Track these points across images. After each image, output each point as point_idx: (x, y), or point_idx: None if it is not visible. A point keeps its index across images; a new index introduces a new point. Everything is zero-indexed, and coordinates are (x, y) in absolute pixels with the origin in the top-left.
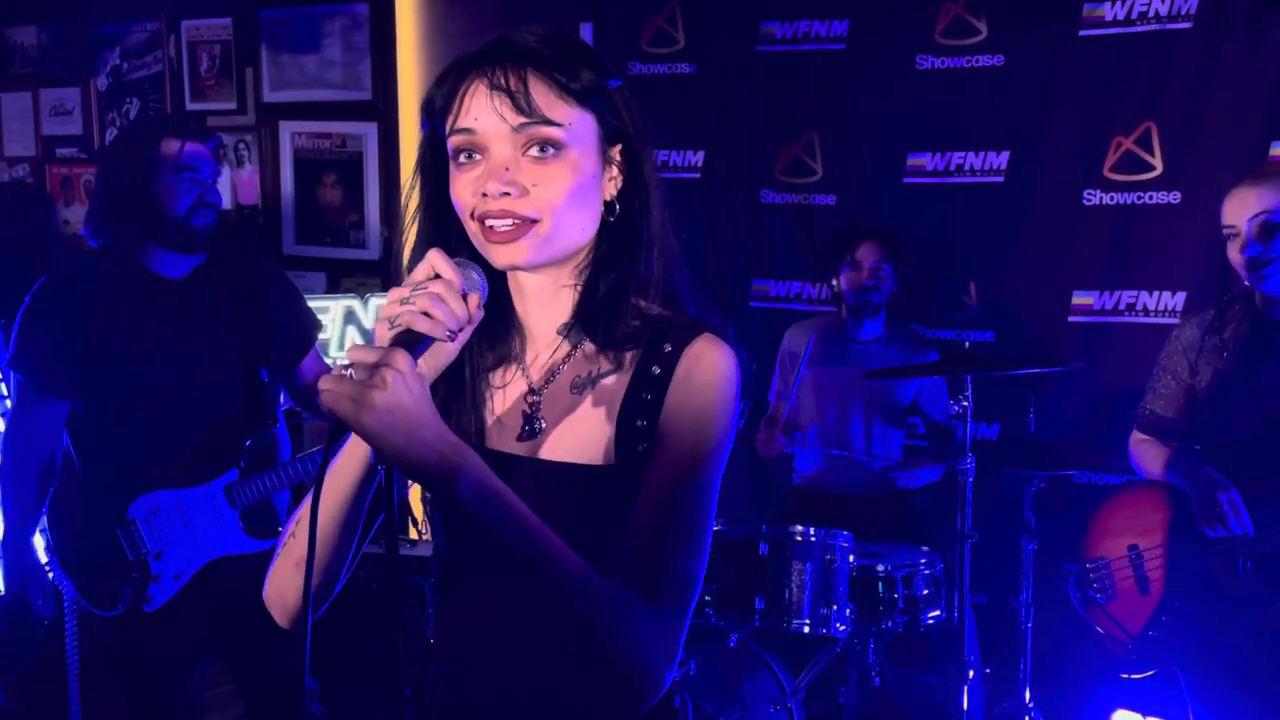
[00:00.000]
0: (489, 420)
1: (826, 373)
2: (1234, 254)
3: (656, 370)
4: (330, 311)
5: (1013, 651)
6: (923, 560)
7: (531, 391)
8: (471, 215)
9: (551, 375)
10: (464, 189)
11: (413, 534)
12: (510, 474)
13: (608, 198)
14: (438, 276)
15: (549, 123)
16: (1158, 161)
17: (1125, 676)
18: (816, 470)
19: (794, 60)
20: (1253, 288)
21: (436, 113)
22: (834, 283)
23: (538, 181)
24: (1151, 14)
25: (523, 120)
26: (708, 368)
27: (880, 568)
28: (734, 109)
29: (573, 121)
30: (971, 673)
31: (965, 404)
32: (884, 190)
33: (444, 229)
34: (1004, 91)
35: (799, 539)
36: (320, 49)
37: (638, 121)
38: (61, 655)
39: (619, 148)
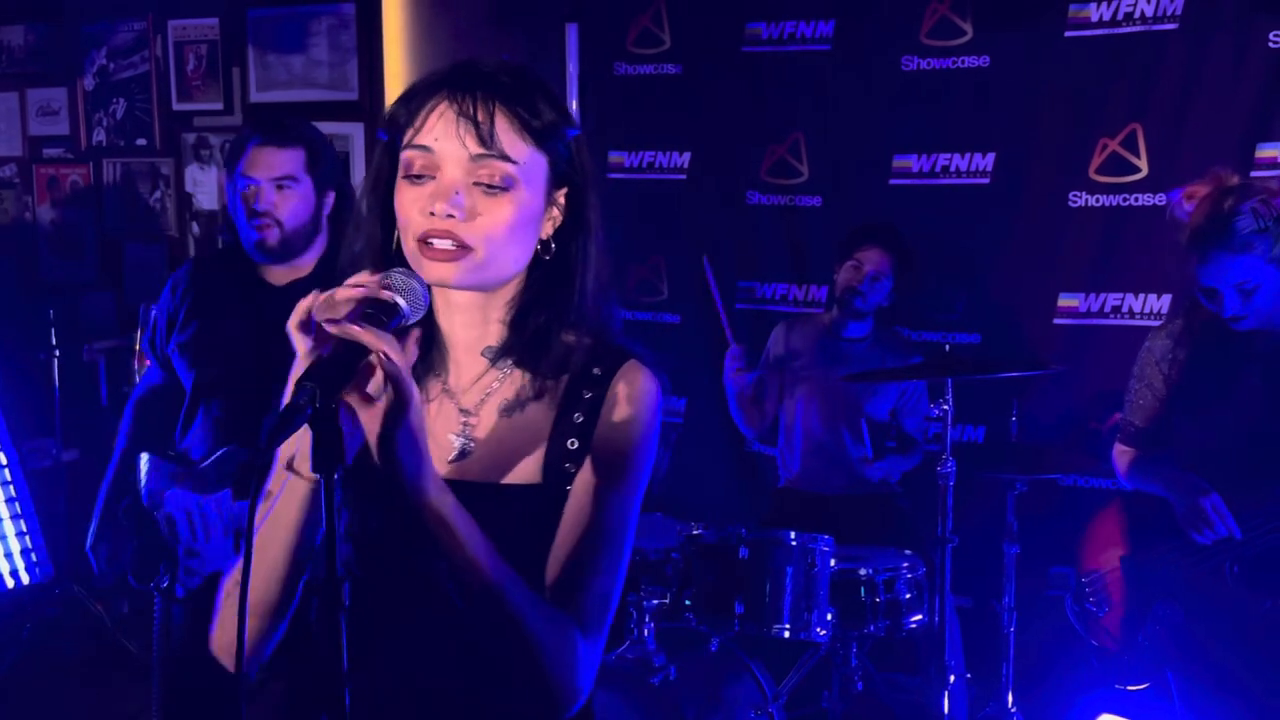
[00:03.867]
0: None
1: (810, 369)
2: (1209, 302)
3: (587, 394)
4: None
5: (996, 655)
6: (905, 564)
7: (464, 414)
8: (413, 230)
9: (483, 399)
10: (411, 204)
11: None
12: None
13: (545, 236)
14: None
15: (506, 159)
16: (1143, 163)
17: (1120, 688)
18: (800, 471)
19: (780, 61)
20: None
21: (400, 128)
22: (834, 275)
23: (483, 211)
24: (1137, 15)
25: (482, 152)
26: (638, 394)
27: (862, 571)
28: (720, 110)
29: (527, 160)
30: (953, 677)
31: (946, 407)
32: (870, 192)
33: (387, 237)
34: (990, 93)
35: (779, 543)
36: (307, 49)
37: (588, 168)
38: (50, 656)
39: (564, 191)
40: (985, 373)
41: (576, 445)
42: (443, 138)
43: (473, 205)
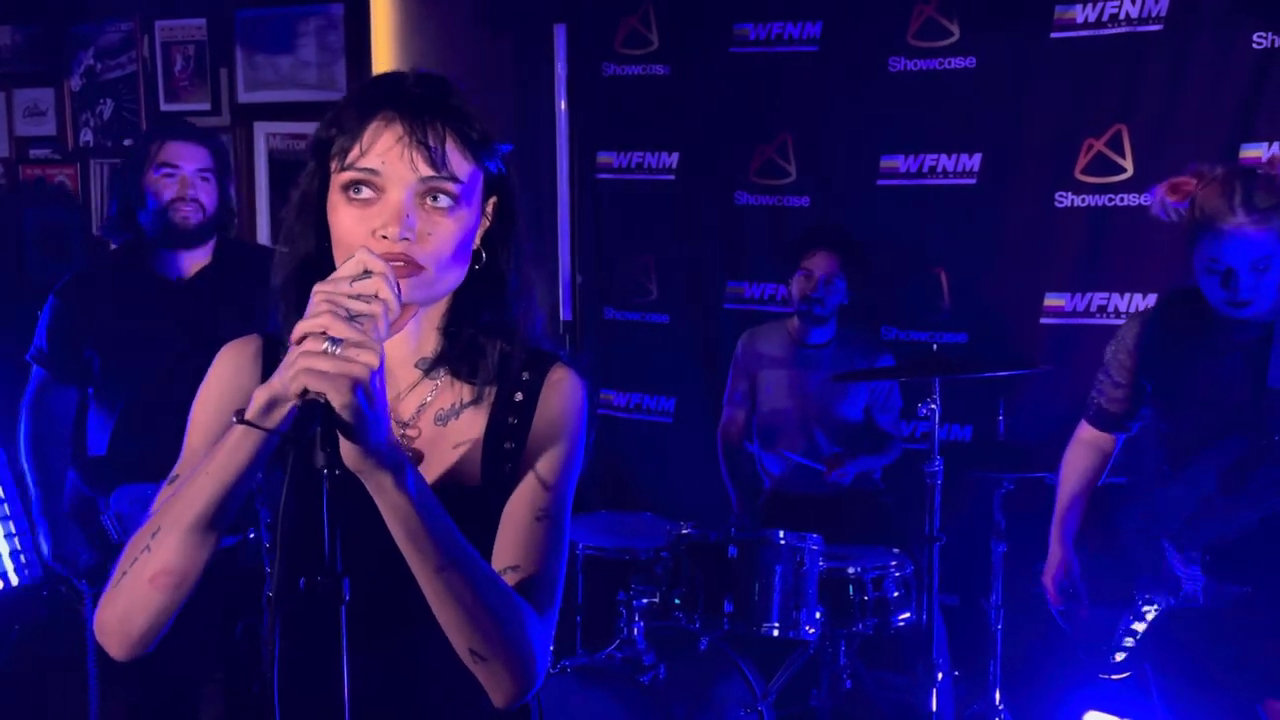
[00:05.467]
0: None
1: (779, 375)
2: (1215, 288)
3: (519, 397)
4: None
5: (983, 653)
6: (893, 562)
7: (401, 425)
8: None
9: (419, 409)
10: (357, 225)
11: None
12: None
13: (475, 245)
14: (368, 273)
15: (454, 179)
16: (1129, 164)
17: (1104, 677)
18: (783, 474)
19: (768, 62)
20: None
21: (333, 149)
22: (789, 285)
23: (432, 230)
24: (1122, 16)
25: (432, 174)
26: (566, 394)
27: (850, 570)
28: (708, 111)
29: (469, 177)
30: (941, 675)
31: (934, 407)
32: (857, 192)
33: (321, 253)
34: (976, 93)
35: (768, 542)
36: (295, 50)
37: (514, 179)
38: (39, 657)
39: (494, 200)
40: (972, 372)
41: (512, 446)
42: (390, 159)
43: (421, 226)
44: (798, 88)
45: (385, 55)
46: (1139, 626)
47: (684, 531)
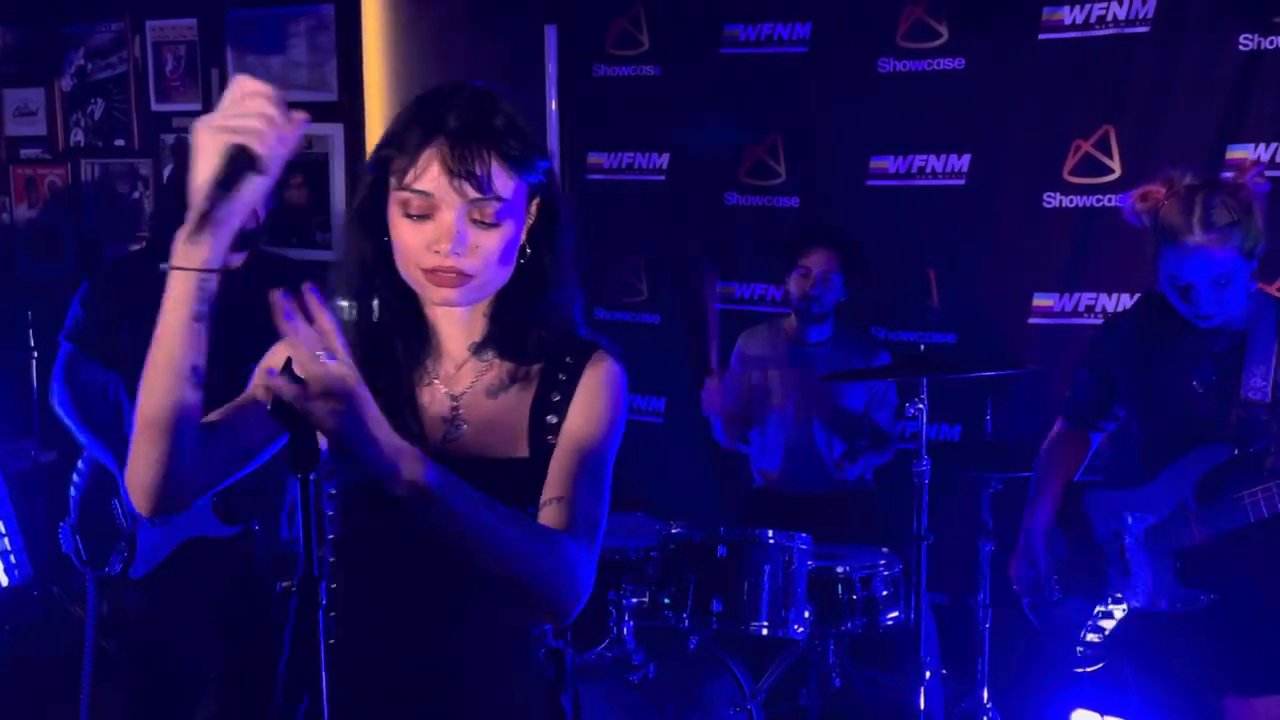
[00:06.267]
0: (414, 422)
1: (778, 375)
2: (1180, 300)
3: (562, 378)
4: None
5: (971, 652)
6: (882, 561)
7: (453, 399)
8: (416, 260)
9: (469, 385)
10: (415, 240)
11: None
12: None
13: (522, 241)
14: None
15: (499, 199)
16: (1116, 164)
17: (1079, 670)
18: (775, 472)
19: (757, 63)
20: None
21: (392, 168)
22: (786, 284)
23: (480, 243)
24: (1110, 18)
25: (479, 197)
26: (606, 377)
27: (839, 569)
28: (698, 111)
29: (514, 194)
30: (929, 673)
31: (922, 406)
32: (847, 193)
33: (379, 259)
34: (965, 94)
35: (757, 542)
36: (286, 50)
37: (557, 182)
38: (29, 657)
39: (537, 201)
40: (960, 372)
41: (555, 420)
42: (441, 184)
43: (471, 240)
44: (788, 89)
45: (376, 56)
46: (1106, 624)
47: (673, 531)
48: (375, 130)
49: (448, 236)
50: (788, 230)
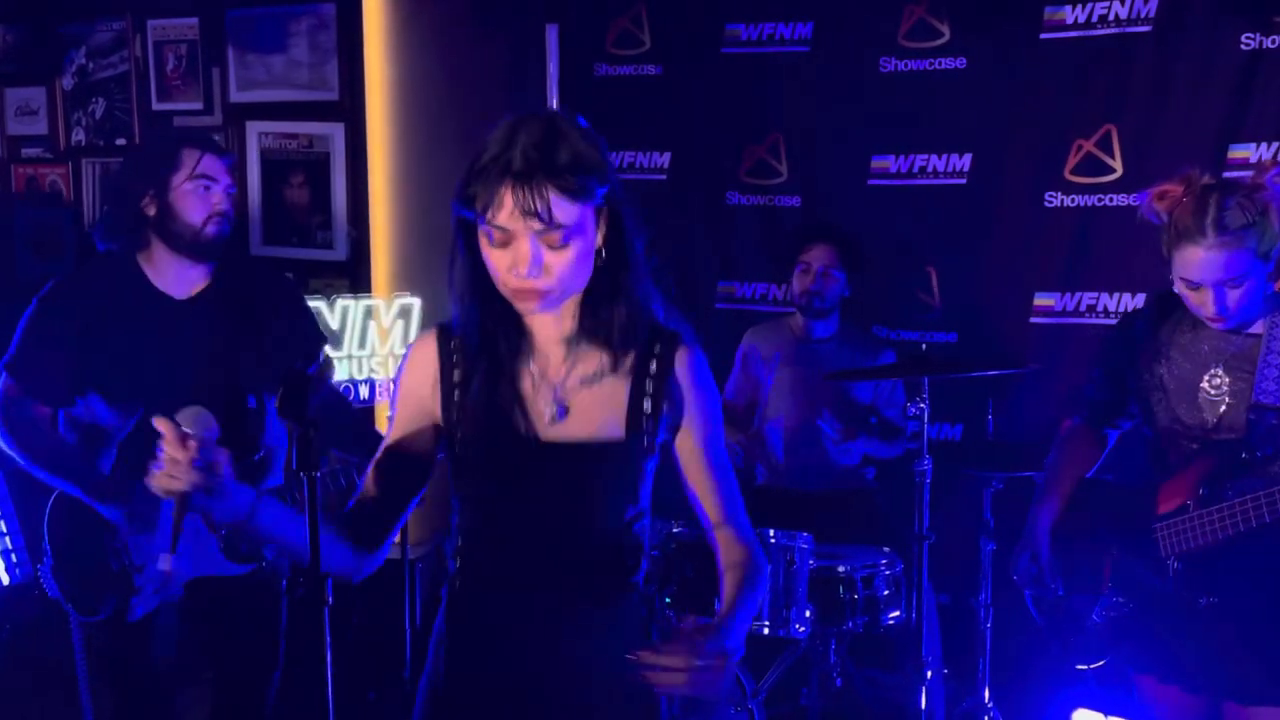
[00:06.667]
0: (520, 412)
1: (784, 371)
2: (1192, 300)
3: (654, 366)
4: None
5: (973, 651)
6: (883, 561)
7: (555, 388)
8: (503, 281)
9: (568, 375)
10: (499, 263)
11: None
12: (547, 453)
13: (597, 246)
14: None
15: (563, 227)
16: (1117, 164)
17: (1081, 668)
18: (778, 469)
19: (759, 62)
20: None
21: (476, 204)
22: (789, 282)
23: (553, 264)
24: (1111, 18)
25: (543, 227)
26: (696, 370)
27: (840, 569)
28: (699, 111)
29: (578, 218)
30: (930, 673)
31: (923, 406)
32: (848, 192)
33: (479, 276)
34: (966, 94)
35: (758, 540)
36: (287, 49)
37: (620, 194)
38: (30, 657)
39: (605, 215)
40: (962, 371)
41: (650, 406)
42: (512, 220)
43: (545, 262)
44: (789, 88)
45: (377, 55)
46: (1107, 622)
47: (674, 530)
48: (376, 129)
49: (524, 261)
50: (789, 230)
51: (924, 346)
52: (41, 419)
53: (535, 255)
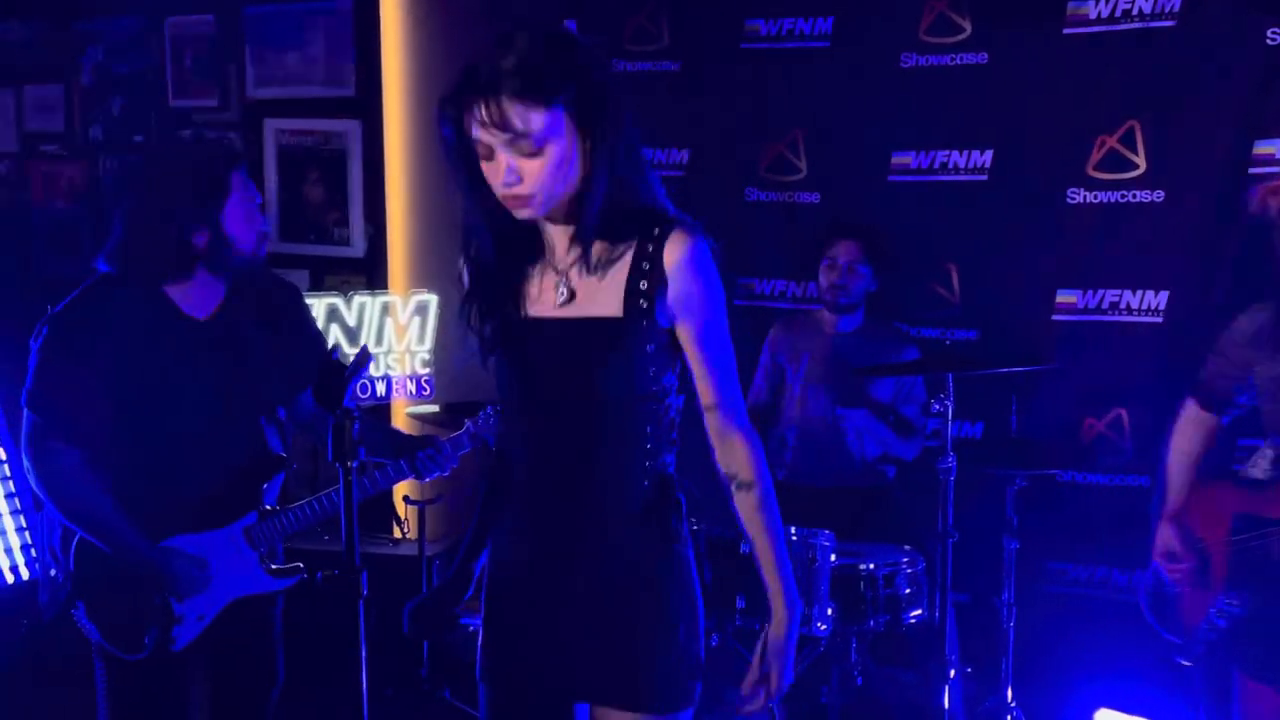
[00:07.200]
0: (535, 296)
1: (809, 365)
2: None
3: (650, 248)
4: (313, 309)
5: (995, 650)
6: (904, 559)
7: (564, 275)
8: (496, 191)
9: (573, 263)
10: (489, 175)
11: (395, 532)
12: (554, 329)
13: (586, 149)
14: None
15: (527, 134)
16: (1141, 160)
17: (1182, 662)
18: (798, 465)
19: (778, 58)
20: None
21: (456, 121)
22: (816, 277)
23: (529, 170)
24: (1135, 12)
25: (509, 137)
26: (686, 256)
27: (862, 567)
28: (718, 107)
29: (545, 123)
30: (952, 672)
31: (947, 403)
32: (868, 188)
33: (480, 185)
34: (988, 89)
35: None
36: (304, 46)
37: (598, 91)
38: (48, 652)
39: (582, 108)
40: (984, 369)
41: (646, 286)
42: (483, 134)
43: (521, 169)
44: (809, 84)
45: (394, 52)
46: (1222, 623)
47: (695, 528)
48: (394, 126)
49: (501, 172)
50: (809, 226)
51: (946, 343)
52: (71, 467)
53: (510, 164)
